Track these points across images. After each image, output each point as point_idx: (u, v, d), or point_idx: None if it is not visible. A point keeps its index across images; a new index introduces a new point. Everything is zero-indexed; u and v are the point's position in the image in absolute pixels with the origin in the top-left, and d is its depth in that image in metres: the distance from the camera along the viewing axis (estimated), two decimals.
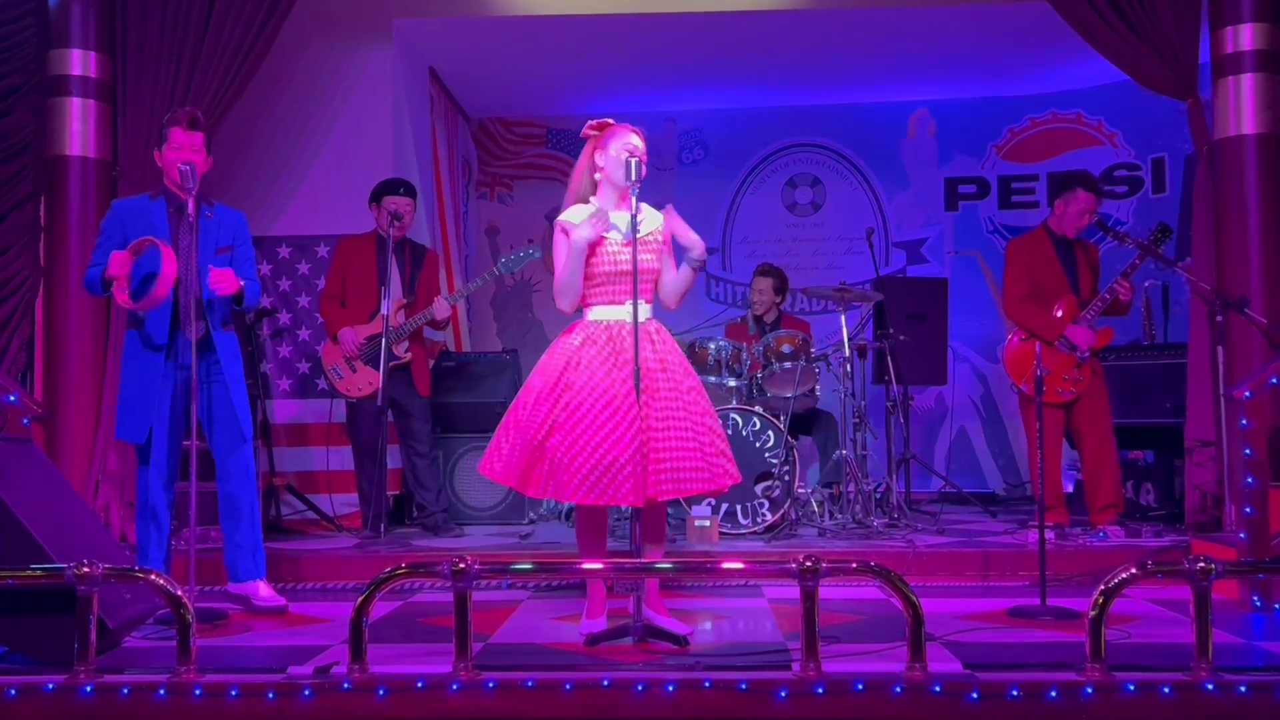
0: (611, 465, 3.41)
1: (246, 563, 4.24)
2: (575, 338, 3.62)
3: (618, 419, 3.44)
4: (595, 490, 3.42)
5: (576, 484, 3.43)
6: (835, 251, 8.37)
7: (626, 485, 3.41)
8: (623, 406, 3.45)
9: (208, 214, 4.22)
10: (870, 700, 2.69)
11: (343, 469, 6.04)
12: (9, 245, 5.18)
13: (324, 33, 6.40)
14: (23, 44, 5.24)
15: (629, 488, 3.41)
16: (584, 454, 3.44)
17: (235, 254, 4.29)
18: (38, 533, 3.32)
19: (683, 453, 3.51)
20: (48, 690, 2.80)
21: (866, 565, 2.91)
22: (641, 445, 3.44)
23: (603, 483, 3.42)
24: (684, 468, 3.50)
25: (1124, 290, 5.19)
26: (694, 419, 3.57)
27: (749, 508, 5.53)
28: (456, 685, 2.75)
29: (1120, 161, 7.83)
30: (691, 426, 3.55)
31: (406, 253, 5.71)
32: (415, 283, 5.68)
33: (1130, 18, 5.19)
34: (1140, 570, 2.84)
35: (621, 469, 3.41)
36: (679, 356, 3.69)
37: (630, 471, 3.41)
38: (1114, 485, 5.31)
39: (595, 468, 3.42)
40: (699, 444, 3.55)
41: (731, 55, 7.24)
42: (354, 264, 5.65)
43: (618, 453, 3.41)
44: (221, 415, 4.21)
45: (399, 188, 5.64)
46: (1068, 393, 5.27)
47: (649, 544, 3.65)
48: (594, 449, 3.43)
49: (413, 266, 5.71)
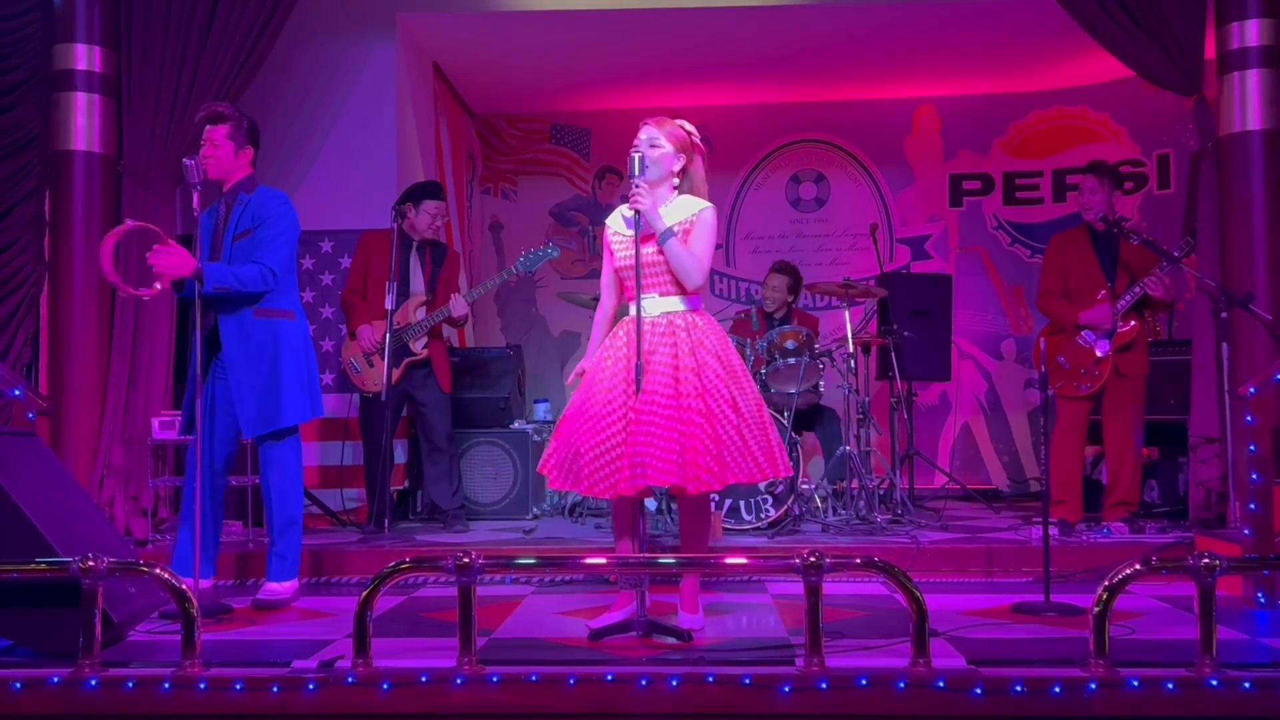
0: (577, 455, 3.48)
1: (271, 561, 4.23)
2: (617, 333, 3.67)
3: (596, 411, 3.49)
4: (564, 477, 3.55)
5: (551, 469, 3.60)
6: (839, 247, 8.37)
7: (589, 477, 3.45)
8: (610, 399, 3.49)
9: (245, 201, 4.16)
10: (874, 696, 2.69)
11: (351, 464, 6.05)
12: (14, 240, 5.19)
13: (328, 27, 6.41)
14: (28, 39, 5.25)
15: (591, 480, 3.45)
16: (557, 441, 3.60)
17: (255, 236, 4.12)
18: (43, 527, 3.32)
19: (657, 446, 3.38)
20: (53, 684, 2.80)
21: (870, 561, 2.91)
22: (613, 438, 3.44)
23: (572, 471, 3.51)
24: (649, 461, 3.36)
25: (1153, 285, 5.13)
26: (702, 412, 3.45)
27: (753, 503, 5.53)
28: (460, 680, 2.76)
29: (1125, 158, 7.82)
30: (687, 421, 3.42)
31: (429, 251, 5.73)
32: (436, 281, 5.70)
33: (1135, 13, 5.18)
34: (1144, 566, 2.84)
35: (581, 458, 3.46)
36: (710, 351, 3.54)
37: (589, 461, 3.44)
38: (1130, 484, 5.28)
39: (565, 456, 3.54)
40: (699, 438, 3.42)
41: (735, 50, 7.23)
42: (376, 260, 5.65)
43: (579, 442, 3.48)
44: (221, 410, 4.17)
45: (440, 192, 5.72)
46: (1085, 387, 5.25)
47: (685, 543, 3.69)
48: (567, 437, 3.55)
49: (434, 265, 5.72)
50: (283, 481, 4.17)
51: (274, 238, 4.12)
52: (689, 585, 3.71)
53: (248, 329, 4.11)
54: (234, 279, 4.01)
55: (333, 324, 6.38)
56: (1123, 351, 5.21)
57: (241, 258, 4.10)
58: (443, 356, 5.72)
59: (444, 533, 5.59)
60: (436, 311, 5.58)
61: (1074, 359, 5.26)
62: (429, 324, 5.57)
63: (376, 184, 6.29)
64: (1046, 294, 5.45)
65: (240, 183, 4.20)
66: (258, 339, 4.11)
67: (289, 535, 4.20)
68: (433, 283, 5.70)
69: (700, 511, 3.68)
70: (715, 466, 3.43)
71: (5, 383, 4.26)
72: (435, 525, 5.81)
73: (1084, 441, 5.42)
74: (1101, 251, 5.34)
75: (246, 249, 4.11)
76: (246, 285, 4.04)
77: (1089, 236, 5.38)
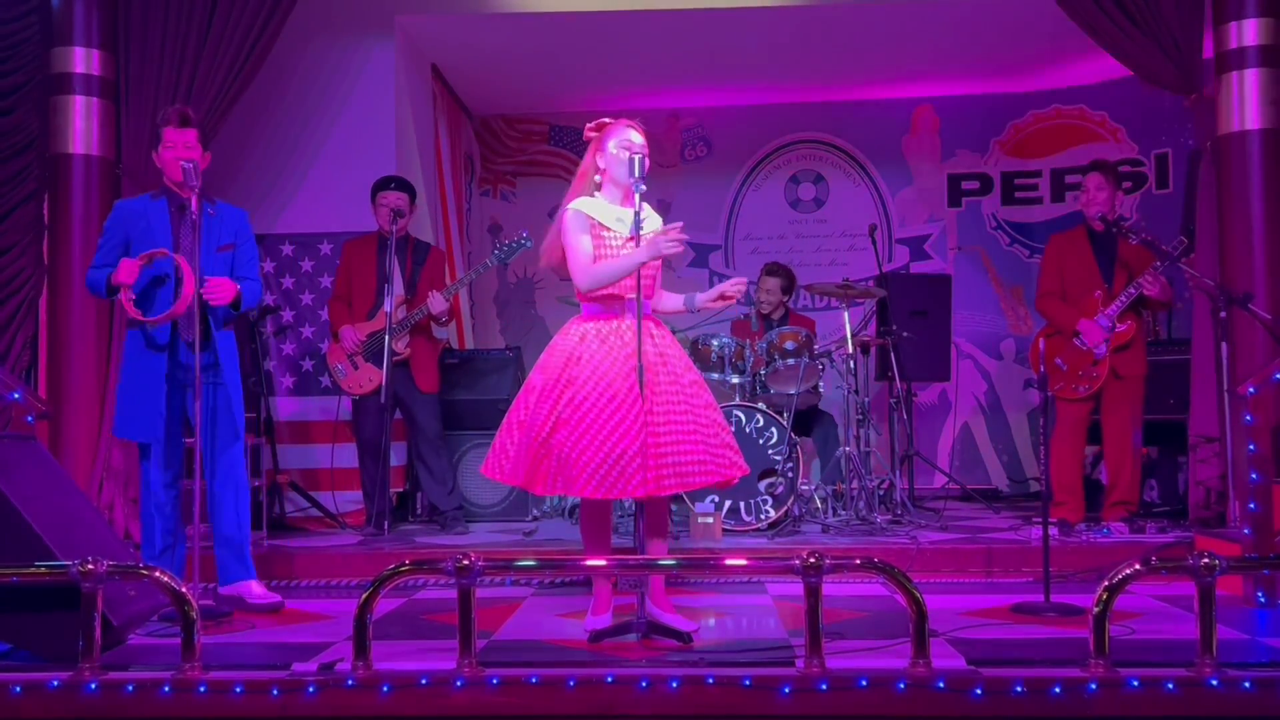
0: (620, 458, 3.41)
1: (234, 564, 4.23)
2: (574, 335, 3.62)
3: (623, 412, 3.44)
4: (605, 484, 3.41)
5: (586, 478, 3.42)
6: (838, 248, 8.36)
7: (636, 478, 3.40)
8: (626, 400, 3.45)
9: (210, 212, 4.21)
10: (874, 697, 2.69)
11: (346, 466, 6.04)
12: (13, 244, 5.18)
13: (326, 29, 6.40)
14: (26, 42, 5.24)
15: (638, 480, 3.41)
16: (592, 448, 3.43)
17: (237, 252, 4.27)
18: (42, 530, 3.32)
19: (685, 446, 3.50)
20: (52, 687, 2.80)
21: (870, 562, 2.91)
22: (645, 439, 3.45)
23: (612, 475, 3.41)
24: (686, 461, 3.49)
25: (1148, 285, 5.13)
26: (696, 412, 3.56)
27: (752, 504, 5.53)
28: (460, 682, 2.76)
29: (1123, 157, 7.81)
30: (694, 419, 3.55)
31: (409, 250, 5.72)
32: (417, 279, 5.69)
33: (1133, 13, 5.18)
34: (1144, 566, 2.84)
35: (630, 461, 3.40)
36: (678, 350, 3.69)
37: (639, 464, 3.41)
38: (1129, 484, 5.28)
39: (605, 461, 3.42)
40: (702, 437, 3.54)
41: (734, 51, 7.23)
42: (356, 263, 5.68)
43: (625, 445, 3.41)
44: (219, 414, 4.20)
45: (390, 183, 5.68)
46: (1083, 389, 5.25)
47: (652, 539, 3.64)
48: (601, 442, 3.43)
49: (414, 264, 5.72)
50: (243, 485, 4.27)
51: (255, 258, 4.40)
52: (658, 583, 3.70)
53: (227, 337, 4.27)
54: (257, 300, 4.36)
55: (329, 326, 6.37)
56: (1120, 351, 5.21)
57: (222, 269, 4.21)
58: (425, 355, 5.71)
59: (443, 535, 5.59)
60: (415, 310, 5.58)
61: (1072, 361, 5.27)
62: (409, 322, 5.56)
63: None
64: (1045, 295, 5.45)
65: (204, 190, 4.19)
66: (229, 350, 4.27)
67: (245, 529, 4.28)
68: (413, 281, 5.69)
69: (666, 505, 3.76)
70: (731, 453, 3.62)
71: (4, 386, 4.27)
72: (434, 527, 5.81)
73: (1084, 442, 5.43)
74: (1099, 251, 5.34)
75: (227, 262, 4.24)
76: (256, 303, 4.36)
77: (1087, 236, 5.38)
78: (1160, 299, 5.19)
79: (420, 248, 5.81)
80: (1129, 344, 5.21)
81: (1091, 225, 5.35)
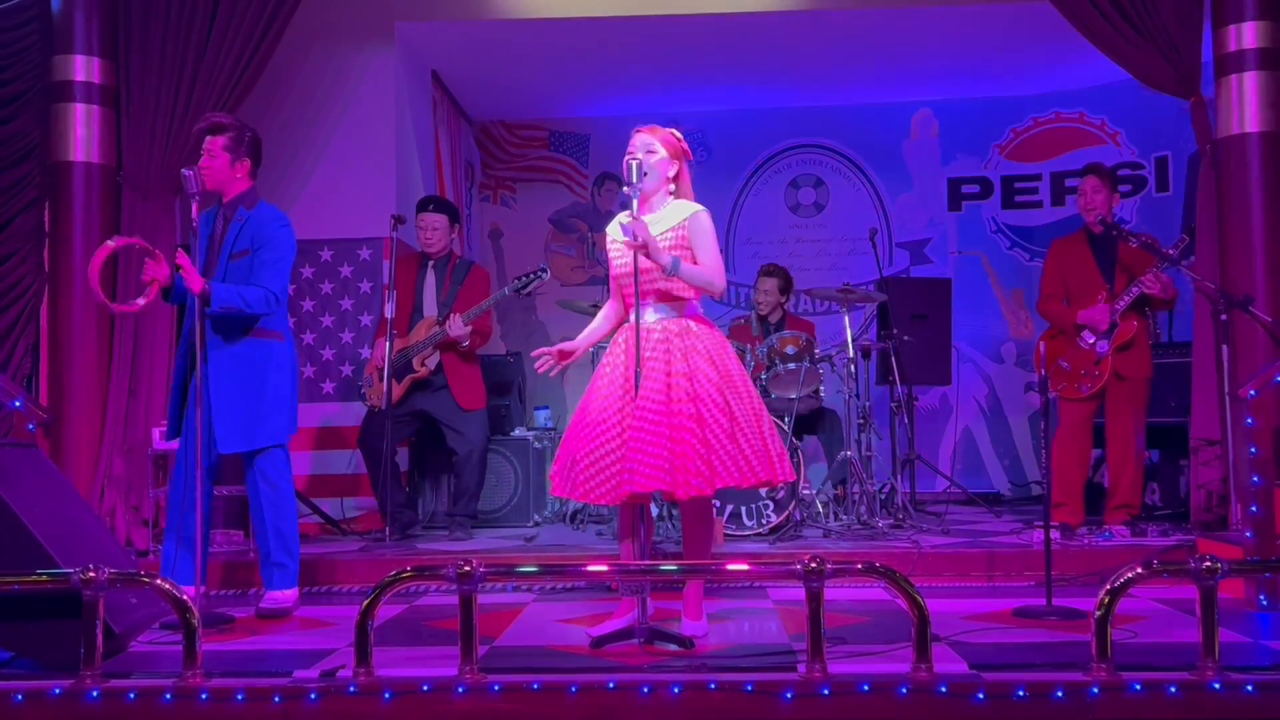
0: (574, 462, 3.52)
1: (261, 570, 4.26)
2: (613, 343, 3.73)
3: (593, 419, 3.53)
4: (564, 485, 3.58)
5: (553, 476, 3.67)
6: (838, 252, 8.37)
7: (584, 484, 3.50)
8: (606, 406, 3.52)
9: (241, 218, 4.18)
10: (876, 701, 2.69)
11: (352, 473, 6.05)
12: (14, 251, 5.19)
13: (326, 36, 6.41)
14: (26, 50, 5.26)
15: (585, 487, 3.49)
16: (560, 450, 3.65)
17: (254, 257, 4.15)
18: (43, 537, 3.32)
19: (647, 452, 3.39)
20: (54, 695, 2.80)
21: (871, 566, 2.91)
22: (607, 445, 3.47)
23: (570, 478, 3.55)
24: (638, 467, 3.38)
25: (1149, 283, 5.12)
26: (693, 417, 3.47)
27: (754, 509, 5.52)
28: (462, 688, 2.76)
29: (1123, 160, 7.82)
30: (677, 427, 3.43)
31: (449, 269, 5.71)
32: (454, 299, 5.63)
33: (1132, 16, 5.19)
34: (1146, 570, 2.84)
35: (576, 465, 3.50)
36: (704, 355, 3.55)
37: (584, 468, 3.48)
38: (1131, 487, 5.27)
39: (564, 464, 3.58)
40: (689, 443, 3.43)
41: (734, 57, 7.24)
42: (401, 280, 5.65)
43: (575, 449, 3.53)
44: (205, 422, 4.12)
45: (428, 204, 5.74)
46: (1086, 387, 5.25)
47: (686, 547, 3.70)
48: (565, 445, 3.61)
49: (453, 283, 5.69)
50: (273, 493, 4.20)
51: (276, 261, 4.16)
52: (693, 591, 3.71)
53: (239, 348, 4.16)
54: (240, 300, 4.05)
55: (332, 332, 6.38)
56: (1123, 351, 5.21)
57: (239, 276, 4.12)
58: (459, 371, 5.60)
59: (445, 540, 5.59)
60: (434, 331, 5.56)
61: (1075, 361, 5.26)
62: (430, 342, 5.55)
63: (375, 192, 6.30)
64: (1047, 299, 5.46)
65: (240, 196, 4.21)
66: (247, 358, 4.16)
67: (289, 545, 4.21)
68: (449, 301, 5.64)
69: (702, 516, 3.69)
70: (705, 470, 3.45)
71: (6, 394, 4.27)
72: (437, 533, 5.80)
73: (1086, 444, 5.41)
74: (1100, 254, 5.34)
75: (244, 268, 4.13)
76: (251, 307, 4.09)
77: (1087, 240, 5.39)
78: (1162, 297, 5.20)
79: (461, 267, 5.78)
80: (1131, 343, 5.21)
81: (1091, 228, 5.36)
